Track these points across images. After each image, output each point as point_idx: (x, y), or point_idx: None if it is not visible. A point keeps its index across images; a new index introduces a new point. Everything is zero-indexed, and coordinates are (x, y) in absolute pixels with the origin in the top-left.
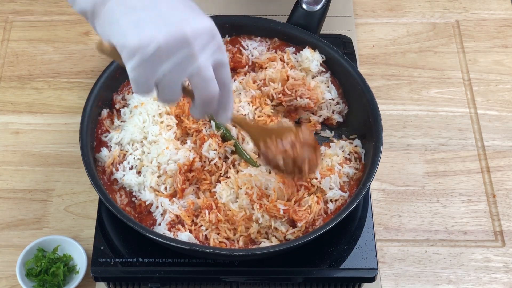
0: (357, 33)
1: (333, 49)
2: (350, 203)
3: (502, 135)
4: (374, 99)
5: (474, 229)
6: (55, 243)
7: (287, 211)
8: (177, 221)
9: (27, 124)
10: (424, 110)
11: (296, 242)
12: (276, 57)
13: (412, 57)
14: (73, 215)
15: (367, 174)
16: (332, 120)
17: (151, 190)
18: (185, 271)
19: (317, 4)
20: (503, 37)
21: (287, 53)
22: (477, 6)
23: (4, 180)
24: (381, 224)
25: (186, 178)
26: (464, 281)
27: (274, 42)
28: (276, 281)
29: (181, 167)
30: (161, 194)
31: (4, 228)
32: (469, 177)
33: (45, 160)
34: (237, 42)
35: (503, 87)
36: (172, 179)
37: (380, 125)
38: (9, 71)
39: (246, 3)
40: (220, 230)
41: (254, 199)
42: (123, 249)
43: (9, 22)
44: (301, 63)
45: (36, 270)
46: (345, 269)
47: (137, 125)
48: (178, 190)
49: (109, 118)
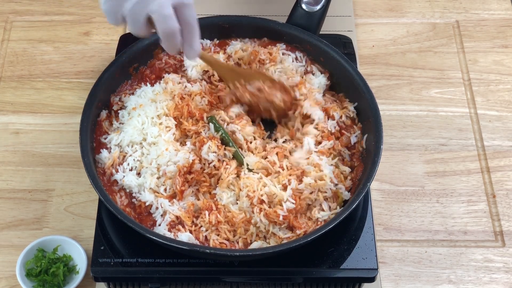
0: (357, 33)
1: (333, 49)
2: (350, 203)
3: (502, 135)
4: (374, 99)
5: (474, 229)
6: (55, 243)
7: (287, 217)
8: (177, 222)
9: (27, 124)
10: (424, 110)
11: (297, 243)
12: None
13: (412, 57)
14: (73, 215)
15: (367, 174)
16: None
17: (151, 191)
18: (185, 271)
19: (317, 4)
20: (503, 37)
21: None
22: (477, 6)
23: (4, 180)
24: (381, 224)
25: (186, 180)
26: (464, 281)
27: (263, 41)
28: (276, 281)
29: (181, 169)
30: (160, 195)
31: (4, 228)
32: (469, 177)
33: (45, 160)
34: (225, 44)
35: (503, 87)
36: (172, 181)
37: (380, 125)
38: (9, 71)
39: (246, 3)
40: (220, 231)
41: (255, 202)
42: (123, 249)
43: (9, 22)
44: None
45: (36, 270)
46: (345, 269)
47: (136, 126)
48: (177, 191)
49: (108, 120)
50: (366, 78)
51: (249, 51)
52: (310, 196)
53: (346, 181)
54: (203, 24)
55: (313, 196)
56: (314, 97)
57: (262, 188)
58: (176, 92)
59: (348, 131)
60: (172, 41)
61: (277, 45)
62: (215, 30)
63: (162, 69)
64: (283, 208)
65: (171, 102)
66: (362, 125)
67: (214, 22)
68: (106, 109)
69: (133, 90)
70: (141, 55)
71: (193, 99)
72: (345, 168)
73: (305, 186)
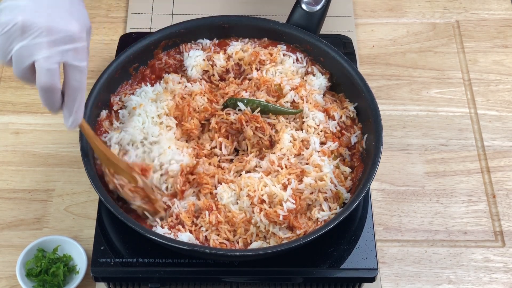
0: (357, 33)
1: (333, 49)
2: (350, 204)
3: (502, 135)
4: (374, 99)
5: (474, 229)
6: (55, 243)
7: (287, 217)
8: (176, 222)
9: (27, 124)
10: (424, 110)
11: (296, 243)
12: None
13: (412, 57)
14: (73, 215)
15: (367, 174)
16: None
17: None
18: (185, 271)
19: (317, 4)
20: (503, 37)
21: (277, 49)
22: (477, 6)
23: (4, 180)
24: (381, 224)
25: (187, 180)
26: (464, 281)
27: (264, 42)
28: (276, 281)
29: (184, 168)
30: (162, 193)
31: (4, 228)
32: (469, 177)
33: (45, 160)
34: (225, 44)
35: (503, 87)
36: (173, 180)
37: (380, 125)
38: (9, 71)
39: (246, 3)
40: (220, 231)
41: (255, 202)
42: (123, 249)
43: None
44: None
45: (36, 270)
46: (345, 269)
47: (137, 126)
48: (178, 191)
49: (108, 120)
50: (366, 78)
51: (249, 52)
52: (310, 197)
53: (346, 181)
54: (202, 23)
55: (313, 197)
56: (313, 99)
57: (263, 188)
58: (177, 92)
59: (348, 131)
60: (48, 99)
61: (278, 46)
62: (215, 30)
63: (162, 69)
64: (283, 208)
65: (171, 102)
66: (362, 125)
67: (213, 22)
68: (106, 109)
69: (133, 90)
70: (141, 55)
71: (194, 99)
72: (345, 169)
73: (305, 186)
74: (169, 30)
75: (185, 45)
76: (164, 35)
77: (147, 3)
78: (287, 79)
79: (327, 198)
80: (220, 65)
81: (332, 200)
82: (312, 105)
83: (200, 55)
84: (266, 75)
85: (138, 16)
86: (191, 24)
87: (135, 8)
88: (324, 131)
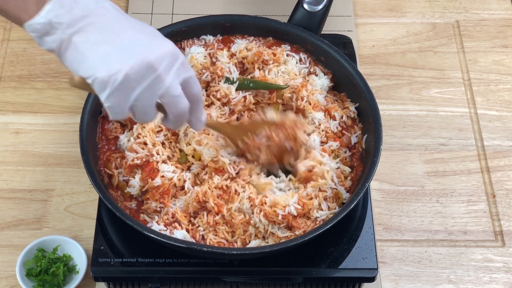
0: (357, 33)
1: (333, 49)
2: (349, 203)
3: (502, 135)
4: (374, 99)
5: (474, 229)
6: (55, 243)
7: (286, 216)
8: (172, 220)
9: (27, 124)
10: (424, 110)
11: (295, 242)
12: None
13: (412, 57)
14: (73, 215)
15: (366, 174)
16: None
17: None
18: (185, 271)
19: (318, 4)
20: (503, 37)
21: (281, 49)
22: (477, 6)
23: (4, 180)
24: (381, 224)
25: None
26: (464, 281)
27: (268, 41)
28: (276, 281)
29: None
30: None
31: (4, 228)
32: (469, 177)
33: (45, 160)
34: (229, 41)
35: (503, 87)
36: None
37: (380, 125)
38: (9, 71)
39: (246, 3)
40: (218, 232)
41: (256, 203)
42: (123, 249)
43: (9, 22)
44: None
45: (36, 270)
46: (345, 269)
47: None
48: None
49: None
50: (366, 78)
51: (253, 51)
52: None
53: (346, 181)
54: (205, 22)
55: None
56: (314, 99)
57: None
58: None
59: (349, 131)
60: (181, 120)
61: (282, 46)
62: (217, 29)
63: None
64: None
65: None
66: (363, 125)
67: (216, 21)
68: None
69: None
70: None
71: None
72: (345, 168)
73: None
74: (170, 29)
75: (187, 41)
76: (164, 34)
77: (147, 3)
78: (289, 78)
79: (326, 197)
80: (223, 62)
81: (331, 200)
82: (311, 107)
83: (201, 52)
84: (269, 75)
85: (138, 16)
86: (193, 22)
87: (135, 8)
88: (325, 130)
